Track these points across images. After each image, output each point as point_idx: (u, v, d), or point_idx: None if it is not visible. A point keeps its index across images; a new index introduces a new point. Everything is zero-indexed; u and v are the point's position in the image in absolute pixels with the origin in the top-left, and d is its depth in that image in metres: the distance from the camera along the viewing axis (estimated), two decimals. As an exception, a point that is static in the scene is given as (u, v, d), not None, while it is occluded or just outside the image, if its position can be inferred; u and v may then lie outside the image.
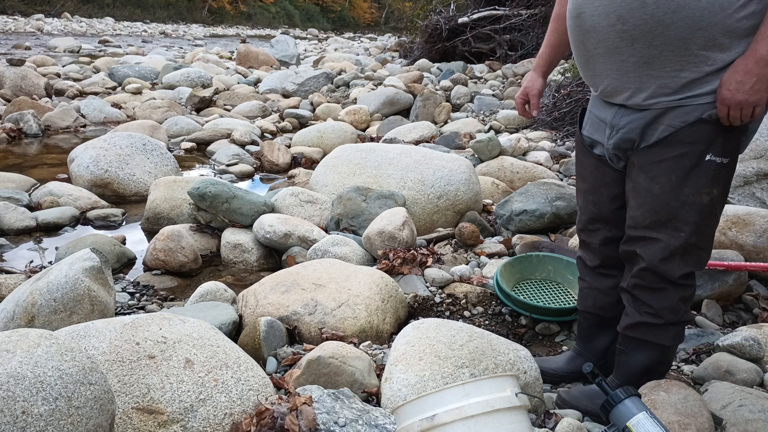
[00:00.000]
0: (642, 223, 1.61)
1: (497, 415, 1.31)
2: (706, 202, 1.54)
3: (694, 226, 1.56)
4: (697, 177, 1.53)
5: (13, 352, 1.27)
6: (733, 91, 1.43)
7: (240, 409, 1.61)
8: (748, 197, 2.82)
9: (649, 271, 1.62)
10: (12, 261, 3.02)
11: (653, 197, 1.58)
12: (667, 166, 1.55)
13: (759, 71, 1.40)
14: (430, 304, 2.49)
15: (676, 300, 1.63)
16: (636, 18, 1.47)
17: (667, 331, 1.66)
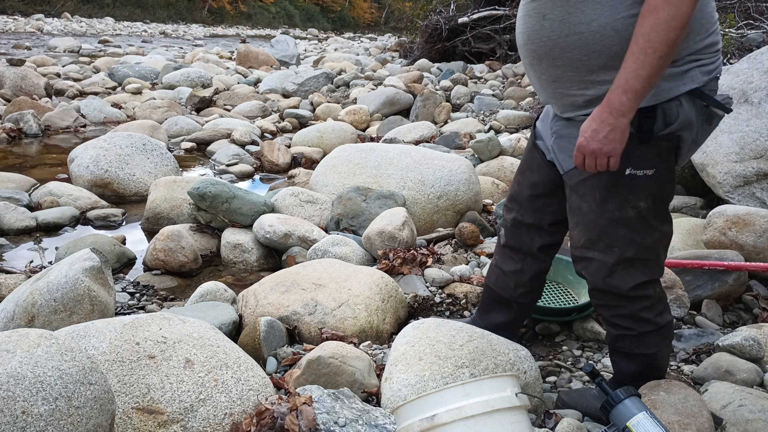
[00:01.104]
0: (578, 242, 1.64)
1: (497, 415, 1.31)
2: (633, 216, 1.53)
3: (626, 240, 1.55)
4: (618, 192, 1.52)
5: (13, 352, 1.27)
6: (588, 139, 1.43)
7: (240, 409, 1.61)
8: (748, 197, 2.82)
9: (597, 291, 1.65)
10: (12, 261, 3.02)
11: (583, 216, 1.60)
12: (590, 183, 1.55)
13: (613, 122, 1.39)
14: (430, 304, 2.49)
15: (637, 311, 1.61)
16: (538, 40, 1.53)
17: (647, 338, 1.65)
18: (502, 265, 1.95)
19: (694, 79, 1.45)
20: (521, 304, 1.97)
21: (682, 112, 1.45)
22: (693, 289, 2.37)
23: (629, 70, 1.35)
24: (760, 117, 2.86)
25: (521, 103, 6.77)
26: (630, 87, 1.36)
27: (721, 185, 2.91)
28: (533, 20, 1.53)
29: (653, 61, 1.33)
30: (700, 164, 3.05)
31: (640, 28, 1.34)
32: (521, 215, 1.85)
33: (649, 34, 1.32)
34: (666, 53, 1.32)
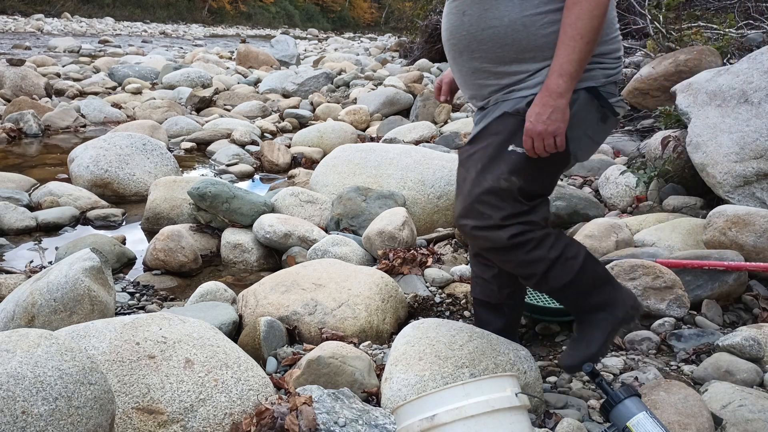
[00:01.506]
0: (457, 212, 1.73)
1: (497, 415, 1.31)
2: (505, 187, 1.62)
3: (496, 208, 1.63)
4: (497, 165, 1.63)
5: (13, 352, 1.27)
6: (534, 122, 1.54)
7: (240, 409, 1.61)
8: (748, 197, 2.82)
9: (488, 252, 1.72)
10: (12, 261, 3.02)
11: (463, 186, 1.71)
12: (476, 157, 1.68)
13: (553, 103, 1.52)
14: (430, 304, 2.49)
15: (520, 258, 1.66)
16: (458, 35, 1.67)
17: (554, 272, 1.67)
18: (481, 273, 1.98)
19: (594, 78, 1.61)
20: (511, 305, 1.99)
21: (576, 106, 1.59)
22: (693, 289, 2.37)
23: (562, 56, 1.51)
24: (760, 117, 2.86)
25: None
26: (564, 70, 1.51)
27: (721, 185, 2.91)
28: (455, 17, 1.68)
29: (582, 46, 1.49)
30: (700, 164, 3.05)
31: (566, 18, 1.50)
32: None
33: (575, 23, 1.49)
34: (591, 39, 1.50)
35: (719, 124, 3.03)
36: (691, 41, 5.37)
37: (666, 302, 2.27)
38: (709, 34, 5.56)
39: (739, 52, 4.81)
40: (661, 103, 4.24)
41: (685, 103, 3.36)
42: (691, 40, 5.39)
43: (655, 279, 2.28)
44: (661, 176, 3.46)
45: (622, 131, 4.81)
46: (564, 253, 1.69)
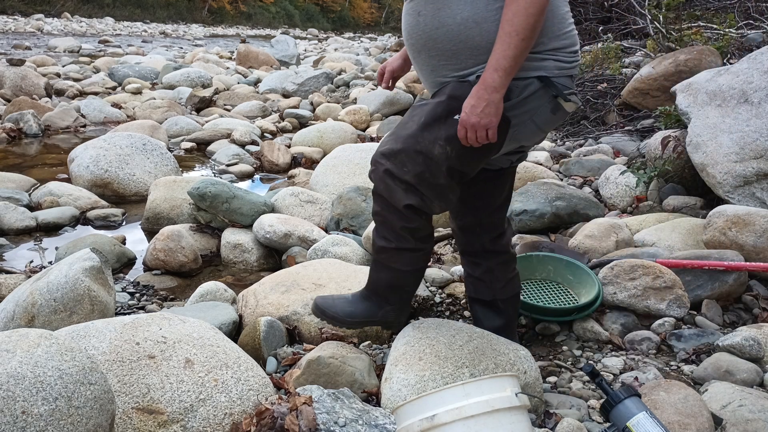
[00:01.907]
0: (382, 147, 1.73)
1: (497, 415, 1.31)
2: (436, 153, 1.65)
3: (418, 169, 1.66)
4: (438, 128, 1.65)
5: (13, 352, 1.27)
6: (468, 114, 1.58)
7: (240, 409, 1.61)
8: (748, 197, 2.82)
9: (377, 195, 1.75)
10: (12, 261, 3.02)
11: (401, 129, 1.72)
12: (426, 109, 1.70)
13: (488, 97, 1.56)
14: (430, 304, 2.49)
15: (399, 228, 1.74)
16: (416, 34, 1.71)
17: (403, 255, 1.78)
18: (471, 271, 2.03)
19: (547, 68, 1.65)
20: (505, 300, 2.02)
21: (527, 91, 1.64)
22: (693, 289, 2.37)
23: (498, 51, 1.55)
24: (760, 117, 2.86)
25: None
26: (500, 66, 1.55)
27: (721, 185, 2.91)
28: (411, 17, 1.71)
29: (517, 42, 1.53)
30: (700, 164, 3.05)
31: (504, 15, 1.54)
32: (460, 220, 1.98)
33: (512, 20, 1.53)
34: (527, 36, 1.53)
35: (719, 124, 3.03)
36: (691, 41, 5.37)
37: (666, 302, 2.27)
38: (709, 34, 5.56)
39: (739, 52, 4.80)
40: (661, 103, 4.24)
41: (685, 103, 3.36)
42: (691, 40, 5.39)
43: (655, 279, 2.28)
44: (661, 176, 3.46)
45: (622, 131, 4.81)
46: (424, 251, 1.81)
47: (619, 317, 2.29)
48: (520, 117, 1.67)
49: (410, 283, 1.89)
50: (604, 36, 7.27)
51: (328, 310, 1.87)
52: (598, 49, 6.14)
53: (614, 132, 4.86)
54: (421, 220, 1.75)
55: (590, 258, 2.66)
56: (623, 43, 6.48)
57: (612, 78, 5.47)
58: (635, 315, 2.30)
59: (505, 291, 2.01)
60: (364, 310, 1.87)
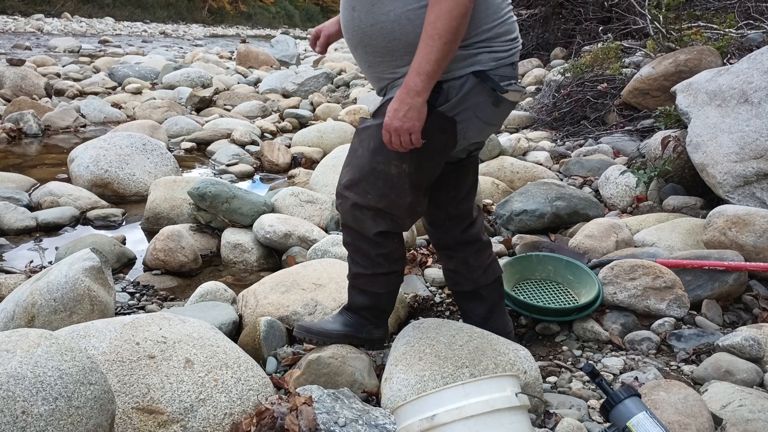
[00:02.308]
0: (342, 180, 1.76)
1: (497, 415, 1.31)
2: (394, 173, 1.67)
3: (381, 192, 1.69)
4: (387, 148, 1.64)
5: (13, 352, 1.27)
6: (391, 118, 1.57)
7: (240, 409, 1.61)
8: (748, 197, 2.82)
9: (346, 228, 1.80)
10: (12, 261, 3.02)
11: (355, 158, 1.73)
12: (371, 131, 1.69)
13: (410, 101, 1.54)
14: (430, 304, 2.49)
15: (375, 255, 1.80)
16: (351, 30, 1.70)
17: (379, 280, 1.85)
18: (447, 265, 2.05)
19: (481, 62, 1.62)
20: (487, 285, 2.03)
21: (463, 90, 1.62)
22: (693, 289, 2.37)
23: (421, 55, 1.52)
24: (760, 117, 2.86)
25: (521, 103, 6.77)
26: (422, 69, 1.52)
27: (721, 185, 2.91)
28: (347, 12, 1.70)
29: (440, 46, 1.49)
30: (700, 164, 3.05)
31: (427, 18, 1.51)
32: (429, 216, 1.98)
33: (435, 23, 1.49)
34: (450, 39, 1.50)
35: (719, 124, 3.03)
36: (691, 41, 5.37)
37: (666, 302, 2.27)
38: (709, 34, 5.56)
39: (739, 52, 4.80)
40: (661, 103, 4.24)
41: (685, 103, 3.36)
42: (691, 40, 5.39)
43: (655, 279, 2.28)
44: (661, 176, 3.46)
45: (622, 131, 4.81)
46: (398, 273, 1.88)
47: (619, 317, 2.29)
48: (464, 115, 1.66)
49: (387, 303, 1.95)
50: (604, 36, 7.27)
51: (312, 327, 1.91)
52: (598, 49, 6.14)
53: (614, 132, 4.86)
54: (393, 244, 1.80)
55: (590, 258, 2.66)
56: (623, 43, 6.48)
57: (612, 78, 5.47)
58: (635, 315, 2.30)
59: (486, 277, 2.02)
60: (347, 326, 1.92)
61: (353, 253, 1.85)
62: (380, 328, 1.97)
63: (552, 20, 8.59)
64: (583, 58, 6.27)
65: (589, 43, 7.32)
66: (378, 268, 1.83)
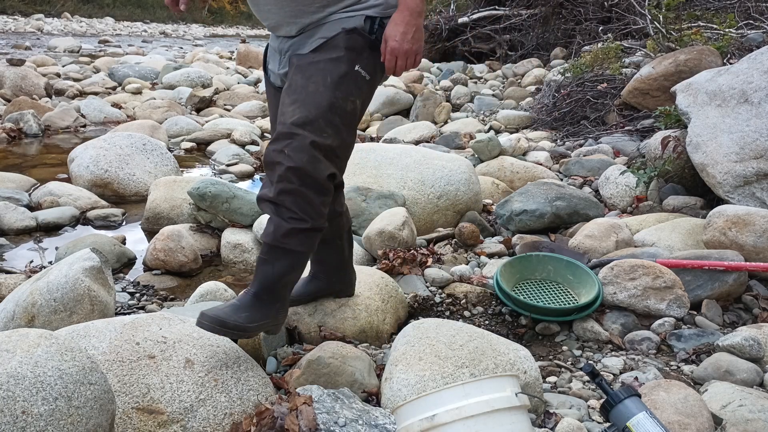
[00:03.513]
0: (291, 117, 1.62)
1: (497, 415, 1.31)
2: (350, 110, 1.65)
3: (337, 130, 1.64)
4: (347, 83, 1.63)
5: (13, 352, 1.27)
6: (400, 41, 1.59)
7: (240, 409, 1.61)
8: (748, 197, 2.82)
9: (296, 171, 1.61)
10: (12, 261, 3.02)
11: (306, 95, 1.63)
12: (323, 66, 1.64)
13: (415, 22, 1.59)
14: (430, 304, 2.49)
15: (320, 203, 1.67)
16: None
17: (308, 237, 1.69)
18: None
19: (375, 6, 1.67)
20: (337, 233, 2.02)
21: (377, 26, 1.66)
22: (693, 289, 2.37)
23: None
24: (760, 117, 2.86)
25: (521, 103, 6.77)
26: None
27: (721, 185, 2.91)
28: None
29: None
30: (700, 164, 3.05)
31: None
32: None
33: None
34: None
35: (719, 124, 3.03)
36: (691, 41, 5.37)
37: (666, 302, 2.27)
38: (709, 34, 5.56)
39: (739, 52, 4.80)
40: (661, 103, 4.24)
41: (685, 103, 3.36)
42: (691, 40, 5.39)
43: (655, 279, 2.28)
44: (661, 176, 3.46)
45: (622, 131, 4.82)
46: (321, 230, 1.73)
47: (619, 317, 2.29)
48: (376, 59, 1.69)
49: (301, 271, 1.80)
50: (604, 36, 7.27)
51: (228, 320, 1.65)
52: (598, 49, 6.14)
53: (614, 132, 4.86)
54: (332, 191, 1.72)
55: (590, 258, 2.66)
56: (623, 43, 6.48)
57: (612, 78, 5.47)
58: (635, 315, 2.30)
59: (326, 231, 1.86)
60: (260, 311, 1.72)
61: (292, 204, 1.64)
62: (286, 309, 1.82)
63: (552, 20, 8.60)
64: (583, 58, 6.27)
65: (589, 43, 7.33)
66: (318, 219, 1.68)
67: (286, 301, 1.81)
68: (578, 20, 8.11)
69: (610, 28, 7.44)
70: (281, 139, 1.63)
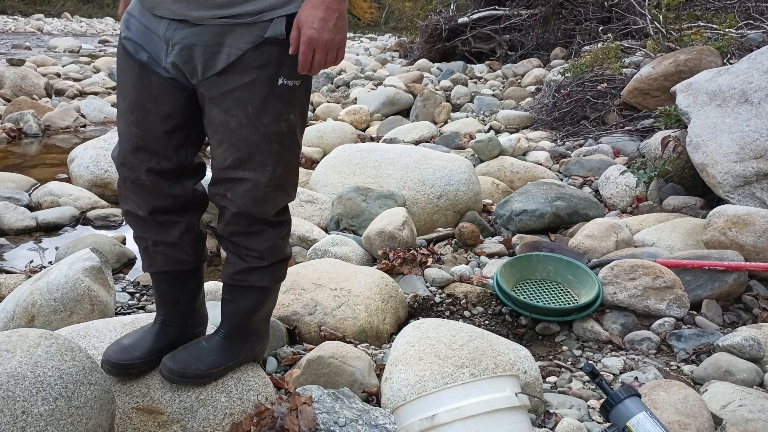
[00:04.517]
0: (224, 162, 1.43)
1: (497, 415, 1.31)
2: (285, 130, 1.42)
3: (278, 157, 1.43)
4: (273, 104, 1.38)
5: (13, 352, 1.27)
6: (319, 30, 1.26)
7: (240, 409, 1.61)
8: (748, 197, 2.82)
9: (243, 216, 1.47)
10: (12, 261, 3.02)
11: (231, 132, 1.40)
12: (240, 95, 1.37)
13: (338, 7, 1.27)
14: (430, 304, 2.49)
15: (275, 239, 1.54)
16: None
17: (270, 271, 1.58)
18: (164, 238, 1.56)
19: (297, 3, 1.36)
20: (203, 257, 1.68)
21: None
22: (693, 289, 2.37)
23: None
24: (760, 117, 2.86)
25: (521, 103, 6.78)
26: None
27: (721, 185, 2.91)
28: None
29: None
30: (700, 164, 3.05)
31: None
32: (160, 163, 1.48)
33: None
34: None
35: (719, 124, 3.03)
36: (691, 41, 5.38)
37: (666, 302, 2.27)
38: (709, 34, 5.56)
39: (739, 52, 4.81)
40: (661, 103, 4.24)
41: (685, 103, 3.36)
42: (691, 40, 5.39)
43: (655, 279, 2.28)
44: (661, 176, 3.46)
45: (622, 131, 4.82)
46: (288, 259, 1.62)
47: (619, 317, 2.29)
48: None
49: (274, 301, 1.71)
50: (604, 36, 7.27)
51: (187, 371, 1.55)
52: (598, 49, 6.14)
53: (614, 132, 4.86)
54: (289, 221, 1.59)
55: (590, 258, 2.66)
56: (623, 43, 6.48)
57: (612, 78, 5.47)
58: (635, 315, 2.30)
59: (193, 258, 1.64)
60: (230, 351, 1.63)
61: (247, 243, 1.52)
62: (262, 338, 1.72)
63: (552, 20, 8.60)
64: (583, 58, 6.27)
65: (589, 43, 7.33)
66: (278, 253, 1.56)
67: (261, 332, 1.71)
68: (578, 20, 8.11)
69: (610, 28, 7.44)
70: (220, 184, 1.47)
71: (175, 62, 1.39)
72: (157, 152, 1.47)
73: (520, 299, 2.34)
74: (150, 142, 1.46)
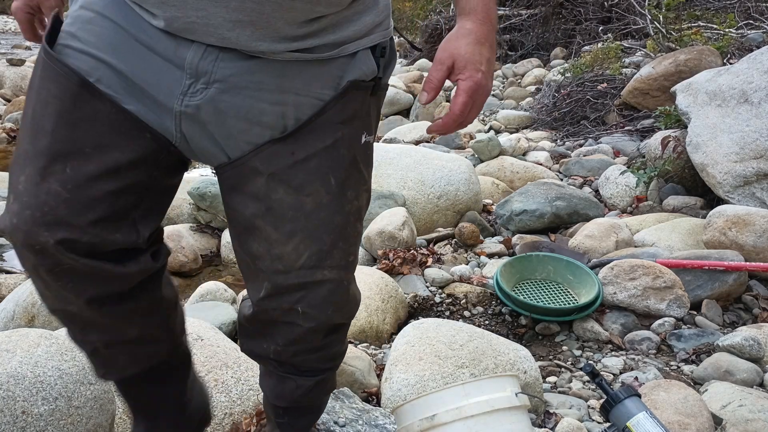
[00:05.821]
0: (296, 261, 1.02)
1: (497, 415, 1.31)
2: (365, 203, 1.08)
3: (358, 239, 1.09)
4: (357, 171, 1.03)
5: (13, 352, 1.27)
6: (487, 74, 0.97)
7: (240, 409, 1.61)
8: (748, 197, 2.82)
9: (321, 330, 1.10)
10: (12, 261, 3.02)
11: (307, 218, 1.00)
12: (318, 164, 0.98)
13: (488, 55, 0.97)
14: (430, 304, 2.49)
15: (341, 345, 1.23)
16: None
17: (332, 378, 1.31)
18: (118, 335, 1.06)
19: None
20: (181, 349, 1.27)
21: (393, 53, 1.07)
22: (693, 289, 2.37)
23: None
24: (760, 117, 2.86)
25: (521, 103, 6.77)
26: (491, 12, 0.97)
27: (721, 185, 2.91)
28: None
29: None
30: (700, 164, 3.05)
31: None
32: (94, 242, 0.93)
33: None
34: None
35: (719, 124, 3.03)
36: (691, 41, 5.37)
37: (666, 302, 2.27)
38: (709, 34, 5.56)
39: (739, 52, 4.80)
40: (661, 103, 4.24)
41: (685, 103, 3.36)
42: (691, 40, 5.39)
43: (655, 279, 2.28)
44: (661, 176, 3.46)
45: (622, 131, 4.82)
46: None
47: (619, 317, 2.29)
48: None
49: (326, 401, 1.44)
50: (604, 36, 7.27)
51: None
52: (598, 49, 6.14)
53: (614, 132, 4.86)
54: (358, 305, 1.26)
55: (590, 258, 2.66)
56: (623, 43, 6.48)
57: (612, 78, 5.47)
58: (635, 315, 2.30)
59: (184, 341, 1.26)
60: None
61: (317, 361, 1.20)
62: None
63: (552, 20, 8.59)
64: (583, 58, 6.27)
65: (589, 43, 7.33)
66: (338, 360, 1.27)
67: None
68: (578, 20, 8.11)
69: (610, 28, 7.44)
70: (287, 293, 1.05)
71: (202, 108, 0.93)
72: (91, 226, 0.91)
73: (520, 299, 2.34)
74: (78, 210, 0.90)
